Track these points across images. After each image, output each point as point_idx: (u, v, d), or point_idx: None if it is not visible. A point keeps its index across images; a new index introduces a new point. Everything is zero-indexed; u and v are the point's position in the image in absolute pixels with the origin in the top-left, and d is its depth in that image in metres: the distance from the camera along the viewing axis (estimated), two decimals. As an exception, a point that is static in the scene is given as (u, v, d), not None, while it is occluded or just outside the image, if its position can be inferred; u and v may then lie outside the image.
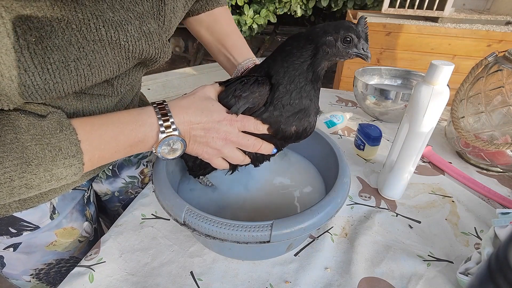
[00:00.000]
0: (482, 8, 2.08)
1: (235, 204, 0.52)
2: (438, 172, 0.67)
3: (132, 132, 0.37)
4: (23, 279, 0.54)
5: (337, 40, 0.38)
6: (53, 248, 0.52)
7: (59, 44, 0.31)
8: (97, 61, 0.34)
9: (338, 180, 0.45)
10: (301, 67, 0.40)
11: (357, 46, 0.39)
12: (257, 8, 2.21)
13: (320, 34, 0.39)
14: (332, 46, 0.38)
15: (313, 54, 0.39)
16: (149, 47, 0.39)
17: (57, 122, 0.33)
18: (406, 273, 0.44)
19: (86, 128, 0.35)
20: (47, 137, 0.32)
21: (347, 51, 0.39)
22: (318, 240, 0.49)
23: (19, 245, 0.49)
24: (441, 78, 0.45)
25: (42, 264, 0.52)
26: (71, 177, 0.35)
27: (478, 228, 0.52)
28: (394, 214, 0.55)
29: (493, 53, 0.62)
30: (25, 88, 0.30)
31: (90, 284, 0.42)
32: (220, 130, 0.40)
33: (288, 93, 0.41)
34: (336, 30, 0.38)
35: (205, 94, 0.42)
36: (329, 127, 0.81)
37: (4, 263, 0.51)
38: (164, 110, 0.38)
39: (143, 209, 0.55)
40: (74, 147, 0.33)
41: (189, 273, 0.44)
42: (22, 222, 0.47)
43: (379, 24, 1.68)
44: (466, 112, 0.66)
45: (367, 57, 0.40)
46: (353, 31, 0.38)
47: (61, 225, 0.52)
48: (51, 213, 0.50)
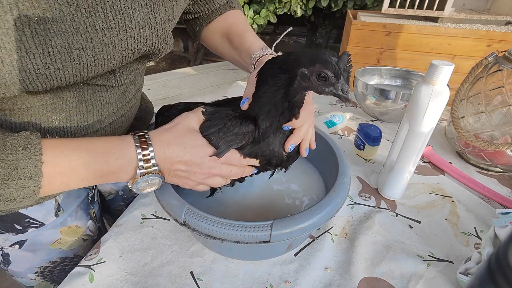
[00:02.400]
0: (482, 8, 2.08)
1: (235, 204, 0.52)
2: (438, 172, 0.67)
3: (107, 163, 0.35)
4: (28, 277, 0.54)
5: (311, 74, 0.34)
6: (57, 246, 0.53)
7: (65, 30, 0.30)
8: (103, 53, 0.34)
9: (338, 180, 0.45)
10: (275, 97, 0.37)
11: (334, 85, 0.34)
12: (257, 8, 2.21)
13: (294, 65, 0.34)
14: (306, 79, 0.34)
15: (287, 84, 0.36)
16: (152, 36, 0.39)
17: (24, 139, 0.32)
18: (406, 273, 0.44)
19: (56, 150, 0.33)
20: (5, 153, 0.30)
21: (322, 88, 0.34)
22: (318, 240, 0.49)
23: (24, 242, 0.49)
24: (441, 78, 0.45)
25: (47, 262, 0.53)
26: (22, 199, 0.33)
27: (478, 228, 0.52)
28: (394, 214, 0.55)
29: (493, 53, 0.62)
30: (26, 73, 0.30)
31: (90, 284, 0.42)
32: (203, 166, 0.39)
33: (267, 127, 0.39)
34: (312, 63, 0.33)
35: (188, 125, 0.40)
36: (329, 127, 0.81)
37: (10, 260, 0.51)
38: (146, 145, 0.36)
39: (143, 209, 0.55)
40: (33, 168, 0.31)
41: (189, 273, 0.44)
42: (27, 218, 0.47)
43: (379, 24, 1.68)
44: (466, 112, 0.66)
45: (346, 100, 0.34)
46: (331, 68, 0.33)
47: (65, 223, 0.52)
48: (56, 210, 0.50)
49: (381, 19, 1.79)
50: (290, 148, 0.43)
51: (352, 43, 1.77)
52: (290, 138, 0.42)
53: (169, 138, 0.38)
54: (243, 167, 0.42)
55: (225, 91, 1.10)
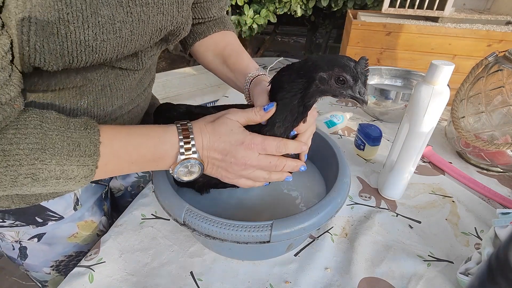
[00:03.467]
0: (482, 8, 2.08)
1: (235, 204, 0.52)
2: (438, 172, 0.67)
3: (154, 147, 0.37)
4: (43, 271, 0.55)
5: (330, 78, 0.35)
6: (74, 240, 0.54)
7: (110, 2, 0.32)
8: (139, 28, 0.36)
9: (338, 180, 0.45)
10: (292, 102, 0.38)
11: (352, 88, 0.35)
12: (257, 8, 2.21)
13: (312, 69, 0.36)
14: (325, 83, 0.35)
15: (304, 88, 0.37)
16: (178, 14, 0.41)
17: (84, 122, 0.34)
18: (406, 273, 0.44)
19: (110, 134, 0.36)
20: (69, 131, 0.33)
21: (340, 91, 0.36)
22: (318, 240, 0.49)
23: (43, 235, 0.51)
24: (441, 78, 0.45)
25: (62, 256, 0.54)
26: (80, 179, 0.34)
27: (478, 228, 0.52)
28: (394, 214, 0.55)
29: (493, 53, 0.62)
30: (76, 45, 0.31)
31: (90, 284, 0.42)
32: (238, 155, 0.39)
33: (281, 134, 0.40)
34: (330, 67, 0.34)
35: (229, 117, 0.40)
36: (329, 127, 0.81)
37: (26, 254, 0.52)
38: (187, 132, 0.38)
39: (143, 209, 0.55)
40: (93, 147, 0.34)
41: (189, 273, 0.44)
42: (48, 211, 0.48)
43: (379, 24, 1.68)
44: (466, 112, 0.66)
45: (363, 102, 0.36)
46: (349, 71, 0.34)
47: (83, 217, 0.54)
48: (75, 204, 0.51)
49: (381, 19, 1.79)
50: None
51: (352, 43, 1.76)
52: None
53: (209, 128, 0.39)
54: (284, 159, 0.41)
55: (225, 91, 1.10)
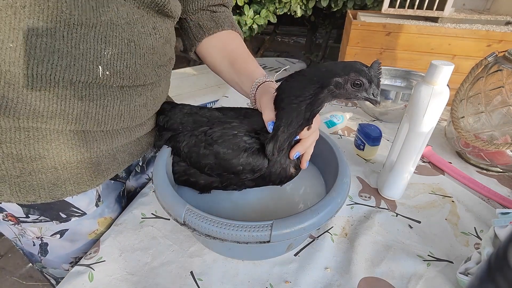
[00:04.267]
0: (482, 8, 2.08)
1: (235, 204, 0.52)
2: (438, 172, 0.67)
3: None
4: (62, 268, 0.56)
5: (346, 82, 0.37)
6: (93, 237, 0.54)
7: None
8: None
9: (338, 180, 0.45)
10: (299, 107, 0.39)
11: (367, 90, 0.37)
12: (257, 8, 2.20)
13: (327, 76, 0.37)
14: (341, 87, 0.37)
15: (315, 94, 0.38)
16: None
17: None
18: (406, 273, 0.44)
19: None
20: None
21: (355, 94, 0.38)
22: (318, 240, 0.49)
23: (65, 231, 0.51)
24: (441, 78, 0.45)
25: (82, 253, 0.55)
26: None
27: (478, 228, 0.52)
28: (394, 214, 0.55)
29: (493, 53, 0.62)
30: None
31: (90, 283, 0.42)
32: None
33: (284, 140, 0.42)
34: (346, 72, 0.37)
35: None
36: (329, 127, 0.81)
37: (47, 250, 0.53)
38: None
39: (143, 208, 0.55)
40: None
41: (189, 273, 0.44)
42: (72, 207, 0.49)
43: (379, 24, 1.68)
44: (466, 112, 0.66)
45: (377, 103, 0.38)
46: (365, 75, 0.37)
47: (103, 214, 0.54)
48: (97, 200, 0.52)
49: (381, 19, 1.79)
50: (295, 156, 0.45)
51: (352, 43, 1.76)
52: (297, 146, 0.44)
53: None
54: None
55: (225, 91, 1.10)
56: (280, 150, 0.43)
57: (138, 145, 0.55)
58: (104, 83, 0.41)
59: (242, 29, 2.19)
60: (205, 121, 0.49)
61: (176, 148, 0.50)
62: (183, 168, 0.50)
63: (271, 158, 0.43)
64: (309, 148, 0.46)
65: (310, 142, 0.45)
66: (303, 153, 0.46)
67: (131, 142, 0.52)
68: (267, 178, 0.46)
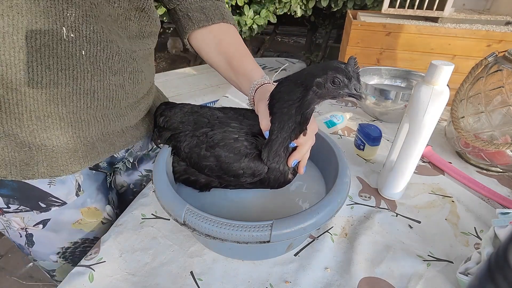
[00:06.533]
0: (482, 8, 2.08)
1: (235, 204, 0.52)
2: (438, 172, 0.67)
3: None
4: (51, 259, 0.57)
5: (326, 81, 0.38)
6: (79, 227, 0.55)
7: None
8: None
9: (338, 180, 0.45)
10: (289, 111, 0.40)
11: (348, 86, 0.38)
12: (257, 8, 2.20)
13: (309, 77, 0.38)
14: (322, 87, 0.38)
15: (302, 96, 0.39)
16: None
17: None
18: (406, 273, 0.44)
19: None
20: None
21: (338, 92, 0.38)
22: (318, 240, 0.49)
23: (48, 221, 0.52)
24: (441, 78, 0.45)
25: (68, 243, 0.56)
26: None
27: (478, 228, 0.52)
28: (394, 214, 0.55)
29: (493, 53, 0.62)
30: None
31: (90, 283, 0.43)
32: None
33: (279, 144, 0.43)
34: (324, 71, 0.38)
35: None
36: (329, 127, 0.81)
37: (33, 241, 0.53)
38: None
39: (143, 208, 0.55)
40: None
41: (189, 273, 0.44)
42: (50, 197, 0.50)
43: (379, 24, 1.68)
44: (466, 112, 0.66)
45: (361, 97, 0.39)
46: (342, 72, 0.37)
47: (85, 204, 0.54)
48: (77, 190, 0.53)
49: (381, 19, 1.79)
50: (293, 163, 0.45)
51: (352, 43, 1.76)
52: (294, 154, 0.45)
53: None
54: None
55: (225, 91, 1.10)
56: (276, 155, 0.43)
57: (121, 137, 0.54)
58: (70, 49, 0.40)
59: (242, 29, 2.19)
60: (206, 122, 0.49)
61: (176, 147, 0.50)
62: (183, 167, 0.51)
63: (266, 164, 0.44)
64: (306, 154, 0.47)
65: (306, 149, 0.46)
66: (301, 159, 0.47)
67: (112, 132, 0.52)
68: (266, 182, 0.46)
